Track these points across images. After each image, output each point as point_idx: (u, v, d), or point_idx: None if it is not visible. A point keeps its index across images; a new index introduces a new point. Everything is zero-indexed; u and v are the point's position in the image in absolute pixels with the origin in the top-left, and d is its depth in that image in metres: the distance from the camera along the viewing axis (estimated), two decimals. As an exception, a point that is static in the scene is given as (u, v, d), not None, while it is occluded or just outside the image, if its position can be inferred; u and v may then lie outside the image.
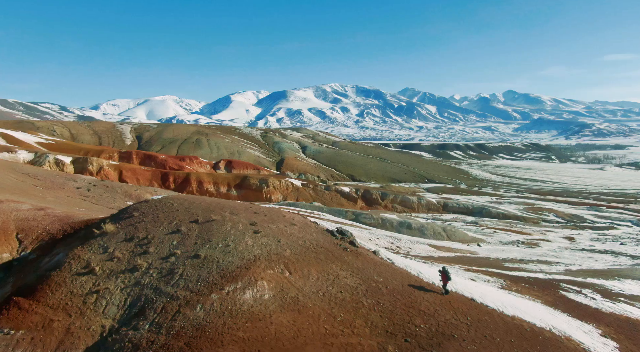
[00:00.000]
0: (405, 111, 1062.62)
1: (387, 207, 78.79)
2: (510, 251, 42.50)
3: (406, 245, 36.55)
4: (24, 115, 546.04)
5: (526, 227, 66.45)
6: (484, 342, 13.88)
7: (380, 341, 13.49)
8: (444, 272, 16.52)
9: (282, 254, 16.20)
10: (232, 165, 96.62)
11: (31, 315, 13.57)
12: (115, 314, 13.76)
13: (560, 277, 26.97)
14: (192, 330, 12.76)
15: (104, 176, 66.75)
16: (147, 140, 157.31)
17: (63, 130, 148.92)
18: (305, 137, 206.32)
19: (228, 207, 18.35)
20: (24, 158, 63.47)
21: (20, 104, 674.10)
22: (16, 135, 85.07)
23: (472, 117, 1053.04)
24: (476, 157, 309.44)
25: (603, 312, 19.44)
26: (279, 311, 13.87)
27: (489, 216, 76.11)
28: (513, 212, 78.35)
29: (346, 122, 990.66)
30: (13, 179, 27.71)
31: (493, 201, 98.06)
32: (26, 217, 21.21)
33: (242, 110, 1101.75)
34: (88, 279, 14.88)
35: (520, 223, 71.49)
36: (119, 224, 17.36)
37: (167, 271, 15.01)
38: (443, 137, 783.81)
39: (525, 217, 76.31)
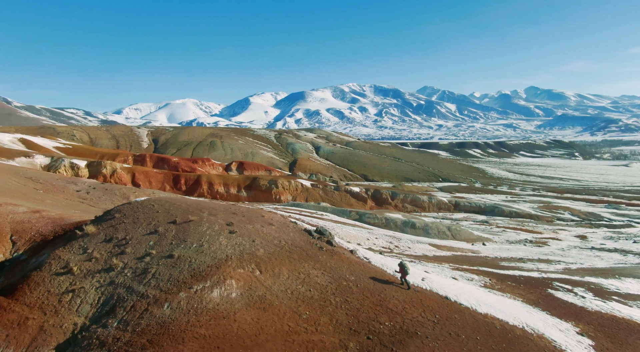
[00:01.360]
0: (424, 110, 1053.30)
1: (397, 206, 78.36)
2: (515, 250, 41.86)
3: (405, 244, 36.41)
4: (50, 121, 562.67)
5: (538, 225, 65.16)
6: (447, 339, 13.90)
7: (343, 338, 13.65)
8: (401, 266, 16.72)
9: (254, 254, 16.47)
10: (243, 167, 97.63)
11: (8, 313, 14.15)
12: (88, 312, 14.24)
13: (555, 276, 26.54)
14: (157, 327, 13.13)
15: (117, 178, 68.45)
16: (163, 143, 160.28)
17: (82, 134, 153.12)
18: (318, 137, 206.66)
19: (207, 208, 18.74)
20: (41, 162, 65.59)
21: (47, 110, 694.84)
22: (35, 140, 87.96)
23: (492, 114, 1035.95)
24: (495, 155, 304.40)
25: (588, 310, 19.12)
26: (245, 309, 14.15)
27: (501, 214, 74.88)
28: (526, 211, 76.89)
29: (364, 122, 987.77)
30: (15, 183, 28.85)
31: (507, 200, 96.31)
32: (21, 220, 22.06)
33: (260, 112, 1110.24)
34: (65, 279, 15.42)
35: (533, 222, 70.11)
36: (100, 225, 17.93)
37: (141, 271, 15.45)
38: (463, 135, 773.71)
39: (539, 216, 74.80)
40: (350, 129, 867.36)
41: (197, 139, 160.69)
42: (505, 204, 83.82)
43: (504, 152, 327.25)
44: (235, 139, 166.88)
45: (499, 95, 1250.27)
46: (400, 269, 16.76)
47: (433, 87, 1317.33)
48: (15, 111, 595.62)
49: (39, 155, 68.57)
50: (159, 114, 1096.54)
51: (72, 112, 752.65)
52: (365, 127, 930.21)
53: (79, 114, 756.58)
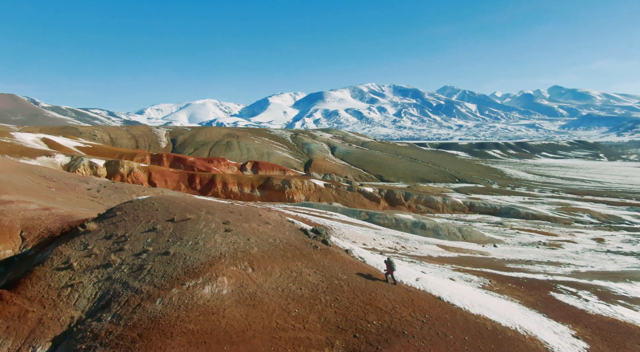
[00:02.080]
0: (444, 110, 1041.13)
1: (411, 207, 77.83)
2: (527, 252, 41.21)
3: (412, 245, 36.24)
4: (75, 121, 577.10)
5: (555, 228, 63.84)
6: (434, 339, 13.90)
7: (330, 336, 13.79)
8: (388, 262, 16.89)
9: (248, 252, 16.73)
10: (258, 167, 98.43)
11: (10, 306, 14.74)
12: (85, 306, 14.72)
13: (561, 278, 26.07)
14: (148, 322, 13.50)
15: (134, 177, 69.94)
16: (181, 143, 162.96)
17: (103, 134, 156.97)
18: (334, 138, 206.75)
19: (205, 207, 19.10)
20: (61, 161, 67.58)
21: (72, 110, 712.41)
22: (57, 140, 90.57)
23: (514, 114, 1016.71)
24: (516, 156, 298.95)
25: (588, 313, 18.78)
26: (234, 305, 14.41)
27: (517, 216, 73.63)
28: (543, 213, 75.41)
29: (383, 122, 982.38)
30: (29, 181, 29.91)
31: (524, 201, 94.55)
32: (32, 217, 22.86)
33: (279, 112, 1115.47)
34: (66, 274, 15.97)
35: (550, 224, 68.73)
36: (102, 222, 18.47)
37: (137, 267, 15.87)
38: (484, 135, 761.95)
39: (556, 218, 73.28)
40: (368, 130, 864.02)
41: (214, 139, 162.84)
42: (521, 205, 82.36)
43: (525, 153, 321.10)
44: (251, 139, 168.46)
45: (521, 95, 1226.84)
46: (387, 266, 16.92)
47: (453, 86, 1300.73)
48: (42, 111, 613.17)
49: (60, 154, 70.62)
50: (179, 114, 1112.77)
51: (97, 112, 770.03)
52: (384, 127, 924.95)
53: (103, 114, 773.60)
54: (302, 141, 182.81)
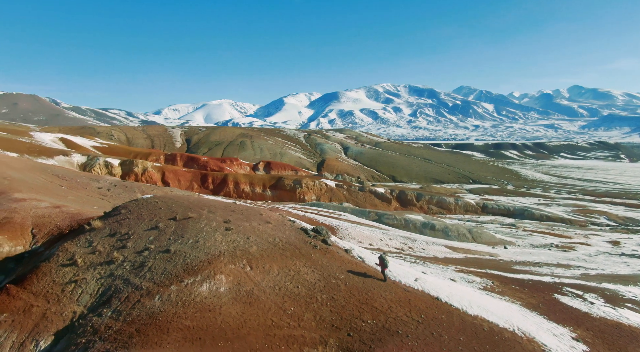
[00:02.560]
0: (460, 110, 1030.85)
1: (423, 208, 77.33)
2: (537, 254, 40.68)
3: (420, 246, 36.07)
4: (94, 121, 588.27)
5: (569, 230, 62.76)
6: (428, 339, 13.91)
7: (324, 334, 13.92)
8: (381, 259, 17.03)
9: (247, 250, 16.96)
10: (270, 167, 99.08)
11: (16, 300, 15.24)
12: (87, 302, 15.12)
13: (569, 281, 25.71)
14: (146, 318, 13.81)
15: (148, 177, 71.07)
16: (196, 143, 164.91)
17: (120, 134, 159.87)
18: (348, 138, 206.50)
19: (207, 206, 19.40)
20: (78, 161, 69.08)
21: (91, 110, 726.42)
22: (75, 139, 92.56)
23: (533, 114, 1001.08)
24: (533, 157, 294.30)
25: (591, 316, 18.53)
26: (231, 303, 14.64)
27: (531, 218, 72.56)
28: (558, 215, 74.16)
29: (399, 122, 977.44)
30: (42, 180, 30.74)
31: (539, 203, 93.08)
32: (42, 214, 23.53)
33: (294, 112, 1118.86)
34: (70, 270, 16.41)
35: (565, 226, 67.57)
36: (107, 220, 18.92)
37: (139, 264, 16.24)
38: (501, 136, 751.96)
39: (572, 220, 71.99)
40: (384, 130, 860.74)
41: (227, 139, 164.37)
42: (536, 207, 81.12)
43: (542, 154, 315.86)
44: (264, 139, 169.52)
45: (539, 94, 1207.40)
46: (380, 262, 17.07)
47: (470, 86, 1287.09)
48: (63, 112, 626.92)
49: (77, 154, 72.20)
50: (196, 114, 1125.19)
51: (115, 112, 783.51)
52: (399, 127, 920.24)
53: (121, 114, 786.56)
54: (315, 141, 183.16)
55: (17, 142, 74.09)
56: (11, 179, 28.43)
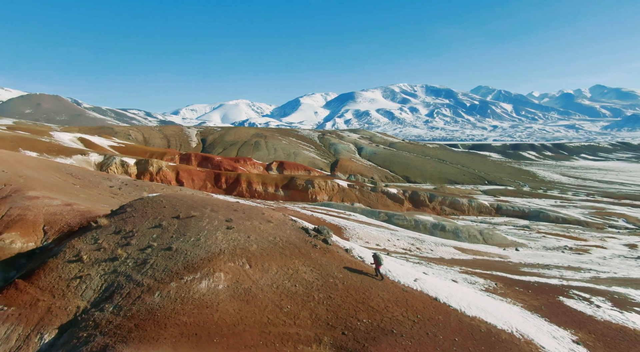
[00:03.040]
0: (478, 110, 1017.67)
1: (435, 209, 76.73)
2: (550, 257, 40.07)
3: (428, 247, 35.89)
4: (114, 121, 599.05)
5: (585, 232, 61.55)
6: (423, 338, 13.94)
7: (319, 332, 14.07)
8: (375, 257, 17.15)
9: (247, 249, 17.20)
10: (283, 167, 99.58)
11: (23, 294, 15.76)
12: (91, 297, 15.55)
13: (577, 284, 25.33)
14: (145, 313, 14.16)
15: (163, 176, 72.22)
16: (211, 142, 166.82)
17: (137, 134, 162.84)
18: (362, 138, 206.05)
19: (210, 205, 19.72)
20: (95, 160, 70.61)
21: (111, 110, 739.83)
22: (92, 139, 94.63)
23: (553, 115, 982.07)
24: (552, 158, 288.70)
25: (595, 319, 18.27)
26: (228, 300, 14.89)
27: (546, 220, 71.34)
28: (575, 217, 72.75)
29: (415, 122, 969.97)
30: (56, 178, 31.61)
31: (555, 205, 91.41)
32: (54, 212, 24.19)
33: (310, 112, 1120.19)
34: (75, 266, 16.89)
35: (581, 228, 66.27)
36: (113, 218, 19.39)
37: (142, 261, 16.62)
38: (520, 136, 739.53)
39: (588, 222, 70.56)
40: (400, 130, 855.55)
41: (242, 139, 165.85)
42: (551, 209, 79.70)
43: (562, 155, 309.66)
44: (279, 139, 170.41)
45: (560, 94, 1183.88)
46: (374, 261, 17.20)
47: (488, 86, 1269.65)
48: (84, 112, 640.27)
49: (94, 153, 73.81)
50: (213, 114, 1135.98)
51: (134, 112, 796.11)
52: (416, 128, 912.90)
53: (140, 114, 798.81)
54: (329, 141, 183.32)
55: (37, 142, 76.12)
56: (26, 178, 29.30)
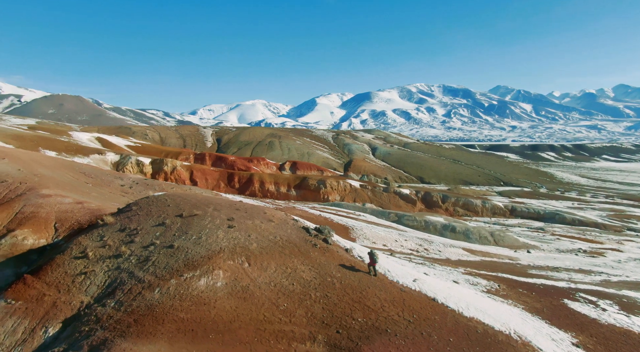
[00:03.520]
0: (496, 110, 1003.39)
1: (448, 210, 76.06)
2: (562, 259, 39.45)
3: (436, 248, 35.69)
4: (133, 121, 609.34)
5: (602, 235, 60.25)
6: (417, 338, 13.98)
7: (313, 330, 14.23)
8: (371, 254, 17.34)
9: (247, 247, 17.46)
10: (296, 167, 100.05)
11: (30, 289, 16.30)
12: (94, 293, 16.00)
13: (585, 287, 24.93)
14: (144, 309, 14.52)
15: (177, 175, 73.32)
16: (226, 142, 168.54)
17: (154, 134, 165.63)
18: (376, 138, 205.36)
19: (213, 204, 20.06)
20: (111, 159, 72.11)
21: (131, 111, 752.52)
22: (110, 139, 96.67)
23: (574, 115, 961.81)
24: (572, 159, 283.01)
25: (599, 322, 18.02)
26: (226, 297, 15.17)
27: (562, 222, 70.03)
28: (592, 219, 71.25)
29: (432, 122, 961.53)
30: (69, 177, 32.47)
31: (573, 206, 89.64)
32: (65, 210, 24.89)
33: (326, 112, 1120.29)
34: (81, 262, 17.38)
35: (598, 231, 64.87)
36: (119, 216, 19.88)
37: (144, 258, 17.02)
38: (539, 137, 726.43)
39: (606, 225, 69.01)
40: (416, 130, 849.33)
41: (256, 139, 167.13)
42: (568, 210, 78.24)
43: (582, 156, 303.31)
44: (293, 140, 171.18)
45: (582, 94, 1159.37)
46: (369, 258, 17.38)
47: (507, 86, 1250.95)
48: (105, 112, 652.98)
49: (111, 152, 75.36)
50: (230, 114, 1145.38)
51: (153, 112, 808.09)
52: (433, 128, 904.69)
53: (159, 114, 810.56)
54: (343, 142, 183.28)
55: (56, 141, 78.08)
56: (41, 176, 30.17)
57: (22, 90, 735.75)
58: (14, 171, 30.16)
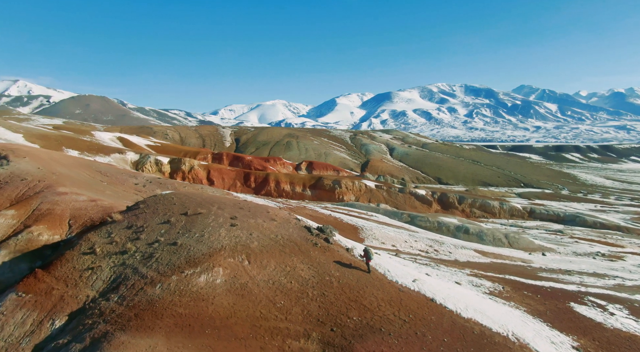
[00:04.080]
0: (520, 110, 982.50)
1: (465, 211, 75.13)
2: (578, 263, 38.62)
3: (446, 249, 35.42)
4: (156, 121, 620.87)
5: (624, 239, 58.59)
6: (410, 338, 14.04)
7: (308, 328, 14.44)
8: (366, 251, 17.56)
9: (248, 246, 17.78)
10: (312, 167, 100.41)
11: (40, 283, 16.97)
12: (100, 287, 16.55)
13: (596, 290, 24.42)
14: (145, 304, 14.97)
15: (194, 174, 74.59)
16: (244, 142, 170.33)
17: (174, 134, 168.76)
18: (394, 139, 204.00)
19: (217, 202, 20.46)
20: (131, 158, 73.85)
21: (154, 111, 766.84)
22: (131, 138, 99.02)
23: (602, 115, 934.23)
24: (598, 161, 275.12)
25: (604, 327, 17.69)
26: (224, 294, 15.51)
27: (582, 224, 68.35)
28: (614, 222, 69.33)
29: (453, 123, 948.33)
30: (85, 176, 33.53)
31: (595, 209, 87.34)
32: (79, 207, 25.73)
33: (346, 112, 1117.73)
34: (89, 258, 17.98)
35: (620, 234, 63.10)
36: (126, 214, 20.47)
37: (148, 255, 17.51)
38: (565, 138, 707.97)
39: (629, 228, 67.00)
40: (437, 131, 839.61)
41: (274, 139, 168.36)
42: (590, 213, 76.28)
43: (609, 157, 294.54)
44: (310, 140, 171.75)
45: (610, 93, 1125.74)
46: (364, 254, 17.57)
47: (531, 85, 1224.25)
48: (129, 112, 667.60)
49: (131, 152, 77.19)
50: (250, 114, 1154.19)
51: (175, 112, 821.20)
52: (454, 128, 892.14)
53: (181, 114, 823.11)
54: (361, 142, 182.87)
55: (79, 141, 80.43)
56: (59, 175, 31.22)
57: (50, 91, 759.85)
58: (33, 170, 31.32)
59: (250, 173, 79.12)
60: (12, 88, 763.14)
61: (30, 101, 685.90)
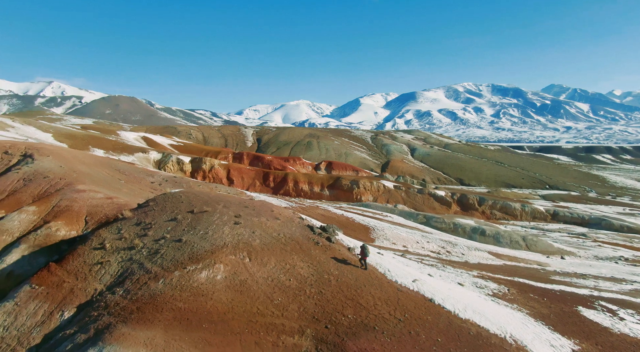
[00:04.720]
0: (549, 110, 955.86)
1: (485, 213, 73.87)
2: (598, 267, 37.58)
3: (459, 250, 35.03)
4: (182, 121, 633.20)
5: (652, 243, 56.53)
6: (404, 337, 14.12)
7: (303, 324, 14.72)
8: (362, 248, 17.74)
9: (250, 243, 18.18)
10: (332, 167, 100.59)
11: (52, 276, 17.79)
12: (107, 281, 17.24)
13: (609, 295, 23.81)
14: (148, 298, 15.54)
15: (215, 173, 75.93)
16: (265, 142, 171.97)
17: (197, 133, 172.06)
18: (416, 139, 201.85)
19: (223, 201, 20.95)
20: (154, 157, 75.80)
21: (181, 111, 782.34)
22: (154, 138, 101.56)
23: (637, 115, 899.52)
24: (631, 162, 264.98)
25: (610, 331, 17.32)
26: (224, 290, 15.93)
27: (608, 228, 66.19)
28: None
29: (479, 123, 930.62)
30: (104, 174, 34.74)
31: (623, 212, 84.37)
32: (96, 204, 26.73)
33: (370, 113, 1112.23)
34: (99, 253, 18.73)
35: (648, 238, 60.84)
36: (136, 211, 21.20)
37: (154, 251, 18.12)
38: (597, 138, 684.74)
39: (659, 232, 64.53)
40: (463, 131, 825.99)
41: (295, 139, 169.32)
42: (617, 216, 73.78)
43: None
44: (331, 140, 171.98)
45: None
46: (361, 251, 17.73)
47: (562, 85, 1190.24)
48: (156, 112, 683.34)
49: (154, 151, 79.19)
50: (274, 114, 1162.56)
51: (201, 112, 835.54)
52: (480, 129, 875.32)
53: (207, 114, 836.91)
54: (382, 142, 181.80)
55: (105, 141, 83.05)
56: (79, 173, 32.47)
57: (82, 92, 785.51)
58: (56, 168, 32.67)
59: (269, 173, 79.96)
60: (47, 89, 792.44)
61: (64, 102, 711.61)
